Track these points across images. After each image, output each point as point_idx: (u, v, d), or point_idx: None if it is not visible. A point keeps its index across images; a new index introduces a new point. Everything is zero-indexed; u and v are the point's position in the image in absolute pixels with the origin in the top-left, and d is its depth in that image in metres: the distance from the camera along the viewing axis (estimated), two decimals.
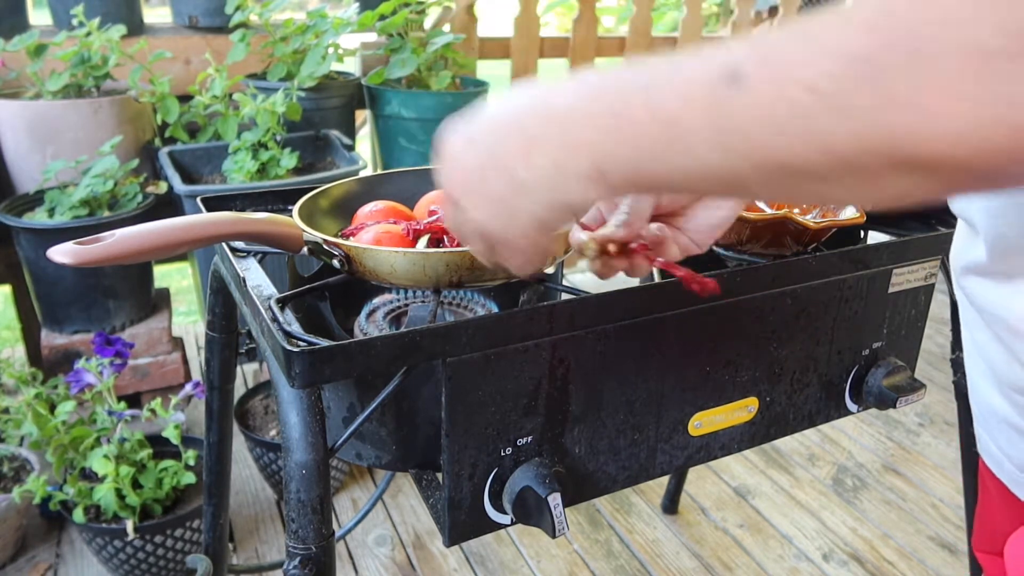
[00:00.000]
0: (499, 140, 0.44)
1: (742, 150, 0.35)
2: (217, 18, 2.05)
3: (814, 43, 0.33)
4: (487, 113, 0.46)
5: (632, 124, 0.38)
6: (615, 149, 0.39)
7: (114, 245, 0.59)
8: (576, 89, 0.41)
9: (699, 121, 0.36)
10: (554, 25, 6.97)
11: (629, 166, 0.39)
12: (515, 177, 0.43)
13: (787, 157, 0.34)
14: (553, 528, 0.66)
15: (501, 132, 0.44)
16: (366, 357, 0.60)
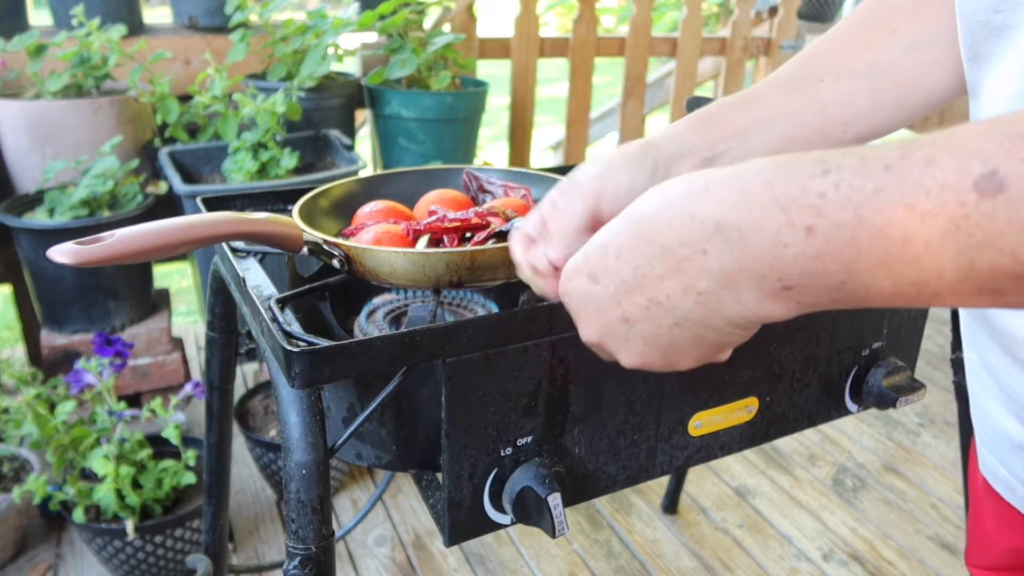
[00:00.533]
0: (645, 266, 0.38)
1: (1001, 269, 0.30)
2: (217, 18, 2.05)
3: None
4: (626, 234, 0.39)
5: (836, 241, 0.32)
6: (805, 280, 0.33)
7: (114, 245, 0.59)
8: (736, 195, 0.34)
9: (938, 239, 0.30)
10: (554, 25, 6.97)
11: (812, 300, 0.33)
12: (666, 306, 0.38)
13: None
14: (553, 528, 0.66)
15: (649, 255, 0.37)
16: (366, 357, 0.60)
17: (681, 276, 0.36)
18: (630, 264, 0.38)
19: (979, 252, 0.29)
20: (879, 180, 0.31)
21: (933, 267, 0.30)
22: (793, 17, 2.97)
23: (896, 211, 0.30)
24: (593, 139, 3.43)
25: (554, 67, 2.95)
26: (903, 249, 0.31)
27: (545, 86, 2.98)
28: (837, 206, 0.31)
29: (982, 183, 0.28)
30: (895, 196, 0.30)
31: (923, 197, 0.30)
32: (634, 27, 2.68)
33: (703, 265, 0.35)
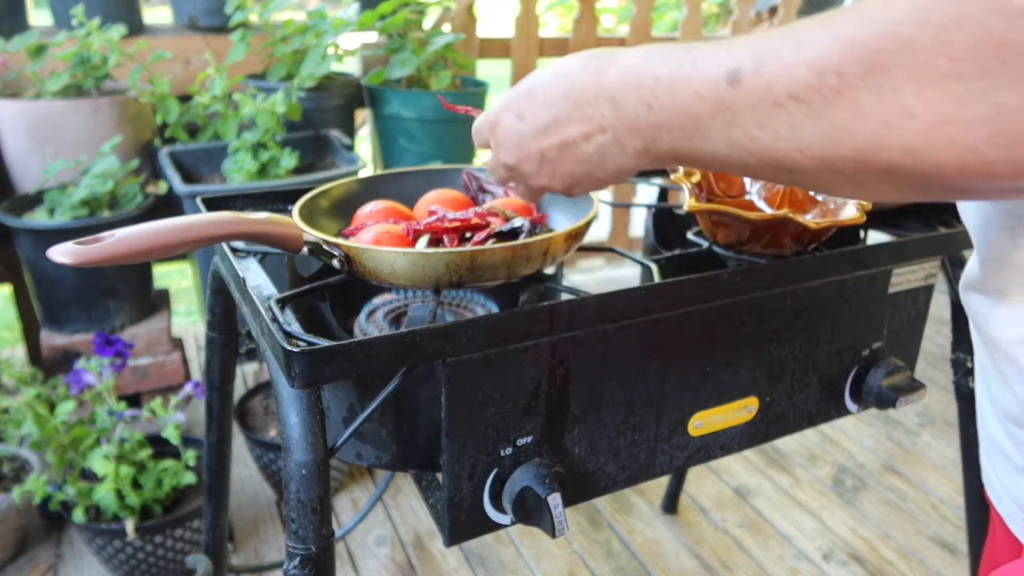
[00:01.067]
0: (559, 119, 0.50)
1: (745, 145, 0.41)
2: (217, 18, 2.05)
3: (800, 51, 0.37)
4: (541, 87, 0.51)
5: (665, 115, 0.44)
6: (656, 134, 0.45)
7: (114, 245, 0.59)
8: (624, 69, 0.46)
9: (710, 117, 0.41)
10: (554, 25, 6.97)
11: (667, 147, 0.45)
12: (576, 152, 0.50)
13: (779, 155, 0.39)
14: (553, 528, 0.66)
15: (562, 109, 0.50)
16: (366, 357, 0.60)
17: (586, 127, 0.49)
18: (551, 112, 0.50)
19: (734, 128, 0.40)
20: (687, 70, 0.42)
21: (717, 139, 0.42)
22: (793, 17, 2.97)
23: (690, 96, 0.42)
24: None
25: None
26: (696, 123, 0.42)
27: None
28: (665, 90, 0.44)
29: (731, 76, 0.40)
30: (693, 84, 0.42)
31: (703, 85, 0.41)
32: (634, 27, 2.68)
33: (602, 122, 0.48)
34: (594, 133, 0.49)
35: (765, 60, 0.38)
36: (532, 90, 0.52)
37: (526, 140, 0.53)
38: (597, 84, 0.48)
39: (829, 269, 0.82)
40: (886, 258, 0.87)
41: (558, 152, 0.51)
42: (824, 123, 0.36)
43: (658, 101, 0.44)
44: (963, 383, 1.07)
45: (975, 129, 0.32)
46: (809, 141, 0.37)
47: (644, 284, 0.73)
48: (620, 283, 0.68)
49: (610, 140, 0.48)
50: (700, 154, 0.44)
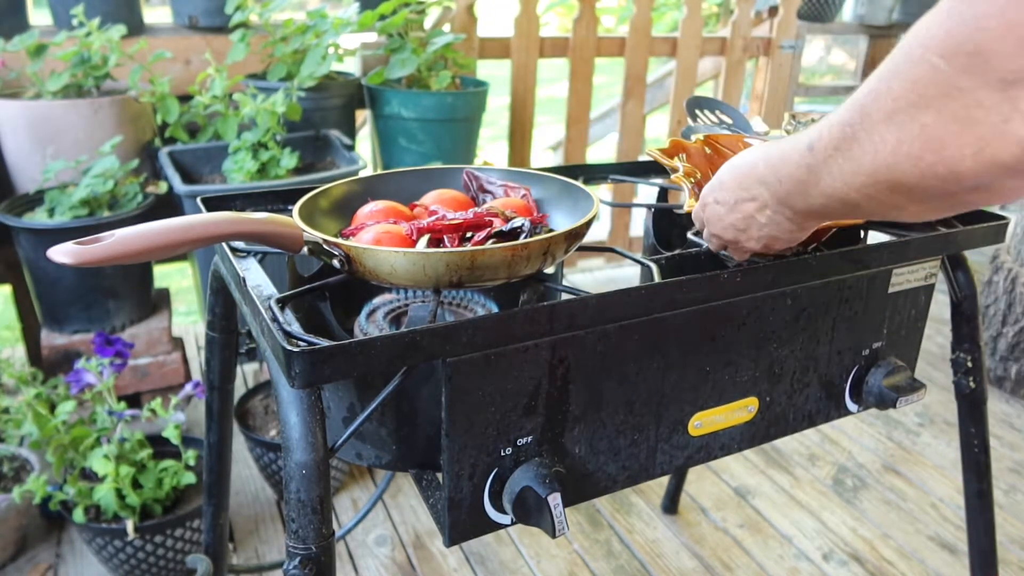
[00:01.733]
0: (739, 201, 0.67)
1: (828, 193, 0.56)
2: (217, 18, 2.04)
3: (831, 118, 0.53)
4: (722, 178, 0.69)
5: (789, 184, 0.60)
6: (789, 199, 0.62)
7: (114, 245, 0.59)
8: (766, 160, 0.63)
9: (807, 177, 0.57)
10: (554, 25, 6.97)
11: (801, 207, 0.61)
12: (756, 221, 0.67)
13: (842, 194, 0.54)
14: (553, 528, 0.66)
15: (737, 195, 0.67)
16: (366, 357, 0.60)
17: (755, 204, 0.66)
18: (733, 196, 0.67)
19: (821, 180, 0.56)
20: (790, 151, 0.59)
21: (814, 193, 0.57)
22: (793, 17, 2.97)
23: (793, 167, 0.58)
24: (593, 139, 3.43)
25: (554, 67, 2.94)
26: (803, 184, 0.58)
27: (545, 86, 2.98)
28: (784, 167, 0.60)
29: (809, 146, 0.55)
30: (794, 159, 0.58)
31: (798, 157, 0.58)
32: (634, 27, 2.68)
33: (763, 200, 0.65)
34: (762, 208, 0.65)
35: (823, 128, 0.54)
36: (721, 181, 0.69)
37: (723, 218, 0.69)
38: (754, 174, 0.64)
39: (829, 269, 0.82)
40: (886, 258, 0.87)
41: (745, 224, 0.68)
42: (850, 161, 0.52)
43: (781, 175, 0.60)
44: (963, 383, 1.07)
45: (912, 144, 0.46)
46: (847, 177, 0.52)
47: (644, 284, 0.73)
48: (620, 283, 0.68)
49: (772, 211, 0.64)
50: (816, 207, 0.59)
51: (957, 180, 0.45)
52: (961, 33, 0.41)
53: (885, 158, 0.48)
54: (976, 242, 0.95)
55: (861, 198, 0.52)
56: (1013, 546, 1.70)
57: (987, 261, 2.49)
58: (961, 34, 0.41)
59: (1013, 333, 2.26)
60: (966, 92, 0.41)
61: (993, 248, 2.50)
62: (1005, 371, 2.30)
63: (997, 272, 2.34)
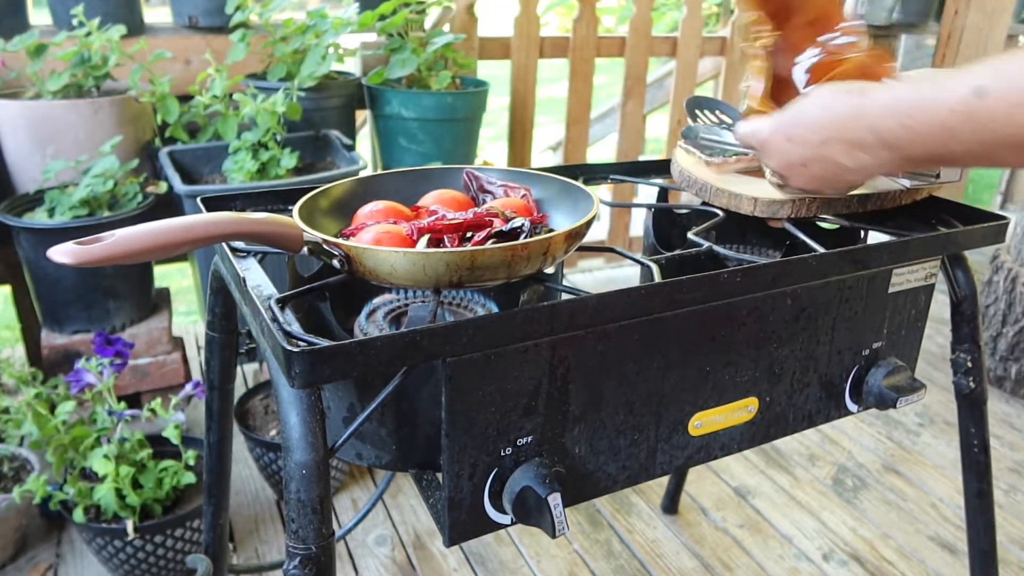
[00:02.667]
0: (826, 142, 0.66)
1: (991, 141, 0.56)
2: (217, 18, 2.04)
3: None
4: (808, 118, 0.68)
5: (923, 130, 0.59)
6: (912, 148, 0.61)
7: (114, 245, 0.59)
8: (878, 104, 0.63)
9: (962, 124, 0.56)
10: (554, 25, 6.97)
11: (925, 155, 0.61)
12: (841, 165, 0.67)
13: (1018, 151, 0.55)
14: (553, 528, 0.66)
15: (828, 135, 0.66)
16: (366, 357, 0.60)
17: (848, 147, 0.65)
18: (819, 135, 0.67)
19: (981, 130, 0.55)
20: (937, 93, 0.58)
21: (970, 140, 0.56)
22: None
23: (944, 112, 0.57)
24: (593, 139, 3.43)
25: (554, 67, 2.94)
26: (952, 132, 0.57)
27: (545, 86, 2.98)
28: (921, 111, 0.59)
29: (977, 92, 0.55)
30: (946, 103, 0.57)
31: (955, 103, 0.56)
32: (634, 27, 2.68)
33: (863, 143, 0.64)
34: (855, 150, 0.65)
35: (1002, 74, 0.54)
36: (799, 119, 0.69)
37: (793, 156, 0.70)
38: (858, 115, 0.64)
39: (829, 269, 0.82)
40: (886, 258, 0.87)
41: (821, 165, 0.68)
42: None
43: (916, 120, 0.59)
44: (963, 383, 1.07)
45: None
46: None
47: (644, 284, 0.73)
48: (620, 283, 0.68)
49: (866, 154, 0.64)
50: (951, 156, 0.60)
51: None
52: None
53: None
54: (976, 242, 0.95)
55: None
56: (1013, 546, 1.70)
57: (987, 261, 2.49)
58: None
59: (1013, 333, 2.26)
60: None
61: (993, 248, 2.50)
62: (1005, 371, 2.30)
63: (997, 272, 2.34)
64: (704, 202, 1.02)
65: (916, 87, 0.60)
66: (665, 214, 1.13)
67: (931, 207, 1.05)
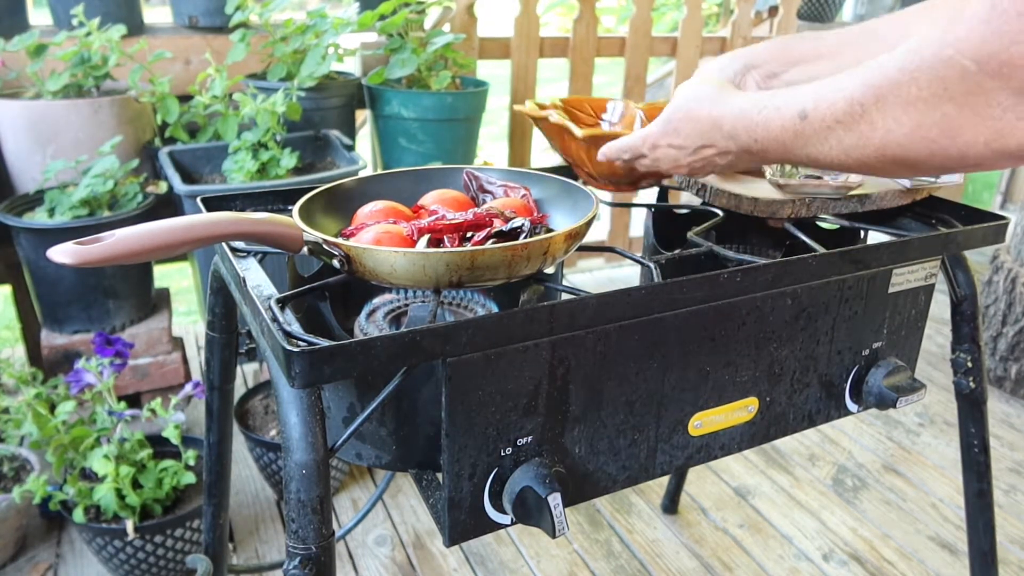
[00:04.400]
0: (699, 148, 0.76)
1: (816, 156, 0.63)
2: (217, 18, 2.04)
3: (839, 92, 0.59)
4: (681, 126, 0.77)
5: (766, 143, 0.67)
6: (763, 154, 0.69)
7: (114, 245, 0.59)
8: (731, 115, 0.71)
9: (793, 141, 0.64)
10: (554, 25, 6.97)
11: (773, 158, 0.69)
12: (718, 164, 0.77)
13: (834, 160, 0.62)
14: (553, 528, 0.66)
15: (699, 143, 0.76)
16: (366, 357, 0.60)
17: (717, 151, 0.75)
18: (693, 143, 0.76)
19: (808, 147, 0.63)
20: (774, 114, 0.65)
21: (800, 154, 0.64)
22: (793, 17, 2.97)
23: (779, 130, 0.65)
24: None
25: (554, 67, 2.94)
26: (786, 146, 0.65)
27: (545, 86, 2.98)
28: (762, 129, 0.67)
29: (800, 114, 0.62)
30: (780, 122, 0.65)
31: (786, 122, 0.64)
32: (634, 27, 2.68)
33: (727, 148, 0.73)
34: (724, 154, 0.75)
35: (820, 100, 0.60)
36: (677, 130, 0.77)
37: (680, 159, 0.79)
38: (720, 130, 0.73)
39: (829, 269, 0.83)
40: (886, 258, 0.87)
41: (702, 163, 0.78)
42: (854, 135, 0.58)
43: (759, 136, 0.68)
44: (963, 383, 1.07)
45: (929, 129, 0.53)
46: (847, 148, 0.59)
47: (644, 284, 0.73)
48: (620, 283, 0.68)
49: (734, 157, 0.74)
50: (793, 162, 0.68)
51: (962, 160, 0.54)
52: (996, 44, 0.48)
53: (898, 138, 0.55)
54: (976, 242, 0.95)
55: (855, 164, 0.60)
56: (1013, 546, 1.70)
57: (987, 261, 2.49)
58: (996, 45, 0.48)
59: (1013, 333, 2.26)
60: (990, 92, 0.49)
61: (993, 248, 2.50)
62: (1005, 371, 2.30)
63: (997, 272, 2.34)
64: (704, 202, 1.02)
65: (762, 103, 0.67)
66: (665, 214, 1.13)
67: (931, 207, 1.05)
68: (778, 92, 0.66)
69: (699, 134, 0.75)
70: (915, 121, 0.54)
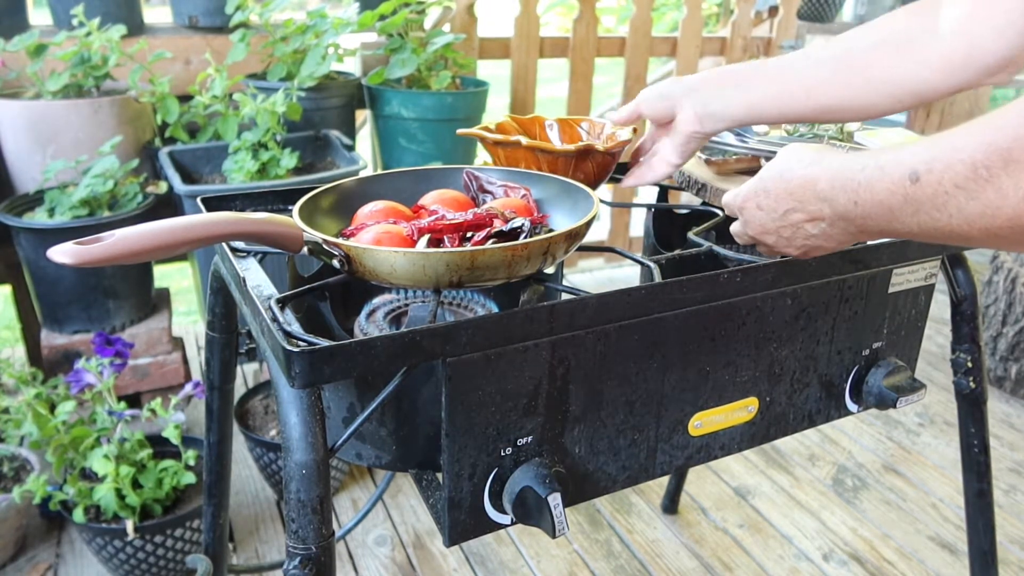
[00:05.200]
0: (788, 212, 0.70)
1: (928, 224, 0.55)
2: (217, 18, 2.04)
3: (957, 153, 0.51)
4: (771, 186, 0.71)
5: (868, 208, 0.61)
6: (863, 221, 0.62)
7: (114, 245, 0.59)
8: (827, 176, 0.65)
9: (900, 207, 0.57)
10: (554, 25, 6.97)
11: (874, 228, 0.62)
12: (807, 232, 0.69)
13: (954, 229, 0.53)
14: (553, 528, 0.66)
15: (789, 205, 0.69)
16: (366, 357, 0.60)
17: (809, 216, 0.68)
18: (783, 206, 0.70)
19: (920, 214, 0.55)
20: (879, 175, 0.59)
21: (909, 222, 0.57)
22: (793, 17, 2.97)
23: (884, 194, 0.58)
24: None
25: (554, 67, 2.94)
26: (892, 212, 0.58)
27: (545, 86, 2.98)
28: (866, 191, 0.60)
29: (912, 176, 0.55)
30: (886, 185, 0.58)
31: (893, 185, 0.57)
32: (634, 27, 2.68)
33: (820, 214, 0.67)
34: (816, 220, 0.67)
35: (933, 161, 0.53)
36: (766, 189, 0.71)
37: (766, 224, 0.72)
38: (814, 190, 0.66)
39: (829, 269, 0.83)
40: (886, 258, 0.87)
41: (791, 232, 0.70)
42: (980, 203, 0.50)
43: (861, 199, 0.61)
44: (963, 383, 1.07)
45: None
46: (971, 217, 0.52)
47: (644, 284, 0.73)
48: (620, 283, 0.68)
49: (828, 224, 0.67)
50: (900, 232, 0.60)
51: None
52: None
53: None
54: None
55: (980, 235, 0.52)
56: (1013, 546, 1.70)
57: (987, 261, 2.49)
58: None
59: (1013, 333, 2.26)
60: None
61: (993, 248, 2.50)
62: (1005, 371, 2.30)
63: (997, 272, 2.34)
64: (704, 202, 1.02)
65: (862, 162, 0.61)
66: (665, 214, 1.13)
67: None
68: (882, 151, 0.59)
69: (788, 194, 0.68)
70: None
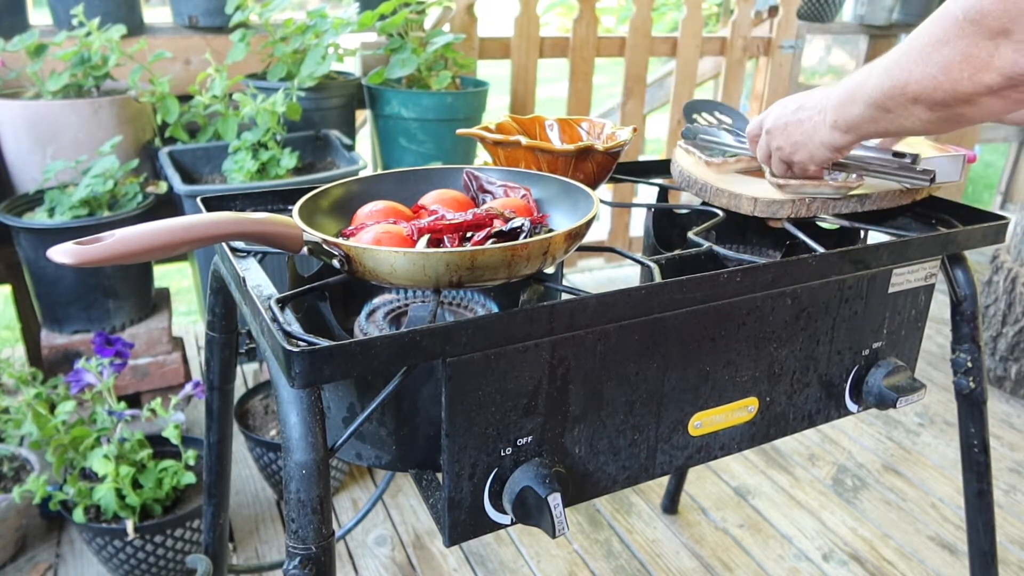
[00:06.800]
0: (798, 108, 0.88)
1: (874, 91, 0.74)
2: (217, 18, 2.04)
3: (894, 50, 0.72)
4: (788, 101, 0.90)
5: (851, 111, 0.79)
6: (846, 121, 0.80)
7: (114, 245, 0.59)
8: (826, 97, 0.83)
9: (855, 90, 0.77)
10: (554, 25, 6.97)
11: (853, 126, 0.80)
12: (811, 120, 0.85)
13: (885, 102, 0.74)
14: (553, 528, 0.66)
15: (801, 98, 0.88)
16: (366, 357, 0.60)
17: (815, 111, 0.85)
18: (797, 104, 0.88)
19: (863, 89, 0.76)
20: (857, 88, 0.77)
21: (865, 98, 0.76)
22: (793, 17, 2.97)
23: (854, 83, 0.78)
24: None
25: (554, 67, 2.94)
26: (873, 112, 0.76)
27: (545, 86, 2.98)
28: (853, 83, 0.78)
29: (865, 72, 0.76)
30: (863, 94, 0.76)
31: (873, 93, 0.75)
32: (634, 27, 2.68)
33: (823, 106, 0.83)
34: (822, 111, 0.84)
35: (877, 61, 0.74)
36: (785, 103, 0.90)
37: (781, 117, 0.89)
38: (810, 96, 0.86)
39: (829, 269, 0.83)
40: (886, 258, 0.87)
41: (796, 119, 0.87)
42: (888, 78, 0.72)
43: (832, 93, 0.81)
44: (963, 383, 1.07)
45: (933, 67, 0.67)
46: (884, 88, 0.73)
47: (644, 284, 0.73)
48: (620, 283, 0.68)
49: (820, 116, 0.84)
50: (854, 115, 0.78)
51: (955, 94, 0.66)
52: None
53: (915, 76, 0.69)
54: (976, 242, 0.95)
55: (888, 102, 0.72)
56: (1013, 546, 1.70)
57: (987, 261, 2.49)
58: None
59: (1013, 333, 2.26)
60: (969, 36, 0.63)
61: (993, 248, 2.50)
62: (1005, 371, 2.30)
63: (997, 272, 2.34)
64: (704, 202, 1.02)
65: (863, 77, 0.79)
66: (665, 214, 1.13)
67: (931, 207, 1.05)
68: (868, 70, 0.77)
69: (798, 104, 0.89)
70: (923, 62, 0.68)
